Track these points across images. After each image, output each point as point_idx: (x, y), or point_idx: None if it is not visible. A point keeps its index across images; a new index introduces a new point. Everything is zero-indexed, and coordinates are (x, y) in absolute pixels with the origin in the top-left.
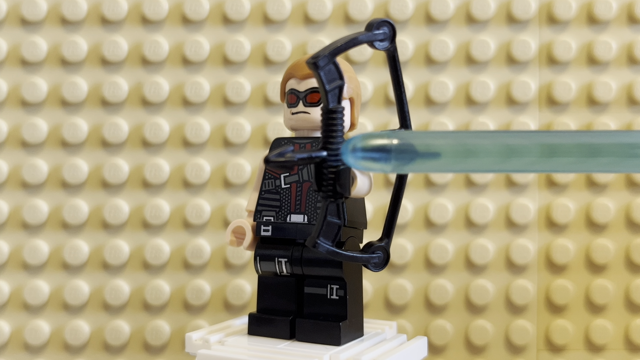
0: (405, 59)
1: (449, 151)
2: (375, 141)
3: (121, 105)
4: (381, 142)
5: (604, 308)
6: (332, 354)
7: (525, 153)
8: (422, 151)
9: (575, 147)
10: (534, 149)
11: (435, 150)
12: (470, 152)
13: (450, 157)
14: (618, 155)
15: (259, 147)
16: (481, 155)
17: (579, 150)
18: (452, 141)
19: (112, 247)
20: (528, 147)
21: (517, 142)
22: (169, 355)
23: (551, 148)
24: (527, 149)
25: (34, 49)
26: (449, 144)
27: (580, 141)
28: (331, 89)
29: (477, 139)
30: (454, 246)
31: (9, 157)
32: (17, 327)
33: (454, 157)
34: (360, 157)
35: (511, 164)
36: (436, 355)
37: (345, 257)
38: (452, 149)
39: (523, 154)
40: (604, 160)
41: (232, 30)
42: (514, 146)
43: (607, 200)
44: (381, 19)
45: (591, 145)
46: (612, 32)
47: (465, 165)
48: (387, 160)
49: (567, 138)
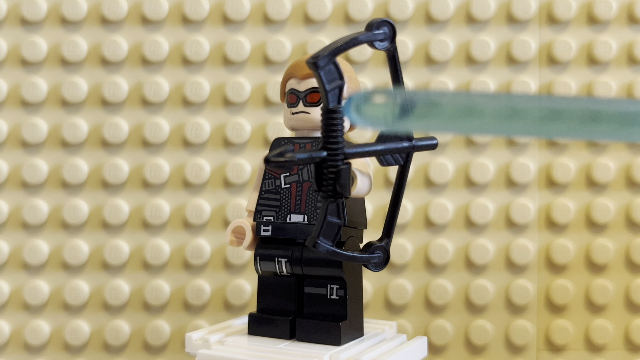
0: (405, 59)
1: (449, 108)
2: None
3: (121, 105)
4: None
5: (604, 308)
6: (332, 354)
7: (527, 115)
8: (422, 112)
9: (577, 112)
10: (535, 111)
11: (435, 109)
12: (471, 110)
13: (449, 113)
14: (619, 122)
15: (259, 147)
16: (480, 115)
17: (580, 115)
18: (452, 99)
19: (112, 247)
20: (529, 110)
21: (519, 104)
22: (169, 355)
23: (552, 111)
24: (529, 111)
25: (34, 49)
26: (449, 101)
27: (582, 106)
28: (331, 89)
29: (477, 99)
30: (454, 246)
31: (9, 157)
32: (17, 327)
33: (453, 114)
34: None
35: (512, 125)
36: (436, 355)
37: (345, 257)
38: (451, 106)
39: (523, 115)
40: (605, 126)
41: (232, 30)
42: (516, 108)
43: (607, 200)
44: (381, 19)
45: (592, 111)
46: (612, 32)
47: (465, 123)
48: (387, 119)
49: (569, 103)
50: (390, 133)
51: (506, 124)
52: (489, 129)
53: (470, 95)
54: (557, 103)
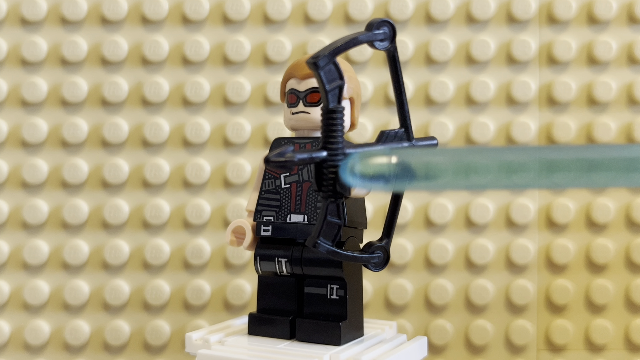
0: (405, 59)
1: (448, 170)
2: (374, 166)
3: (121, 105)
4: (380, 167)
5: (604, 308)
6: (332, 354)
7: (525, 169)
8: (421, 173)
9: (575, 162)
10: (533, 165)
11: (435, 170)
12: (470, 169)
13: (450, 176)
14: (618, 169)
15: (259, 147)
16: (481, 173)
17: (578, 165)
18: (450, 159)
19: (112, 247)
20: (527, 163)
21: (517, 159)
22: (169, 355)
23: (550, 163)
24: (527, 165)
25: (34, 49)
26: (447, 162)
27: (579, 156)
28: (331, 89)
29: (476, 156)
30: (454, 246)
31: (9, 157)
32: (17, 327)
33: (453, 175)
34: (359, 179)
35: (512, 179)
36: (436, 355)
37: (345, 257)
38: (451, 167)
39: (523, 170)
40: (604, 174)
41: (232, 30)
42: (514, 163)
43: (607, 200)
44: (381, 19)
45: (590, 160)
46: (612, 32)
47: (465, 182)
48: (386, 183)
49: (566, 153)
50: (388, 129)
51: (506, 178)
52: (489, 185)
53: (468, 152)
54: (555, 154)
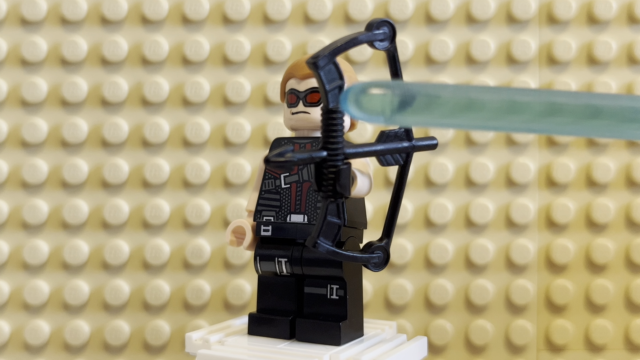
0: (405, 59)
1: (449, 101)
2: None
3: (121, 105)
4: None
5: (604, 308)
6: (332, 354)
7: (526, 109)
8: (422, 104)
9: (577, 107)
10: (534, 106)
11: (434, 103)
12: (470, 104)
13: (449, 107)
14: (618, 118)
15: (259, 147)
16: (481, 109)
17: (580, 110)
18: (452, 92)
19: (112, 247)
20: (529, 104)
21: (519, 98)
22: (169, 355)
23: (552, 106)
24: (528, 106)
25: (34, 49)
26: (449, 94)
27: (582, 101)
28: (331, 89)
29: (478, 93)
30: (454, 246)
31: (9, 157)
32: (17, 327)
33: (452, 108)
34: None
35: (511, 120)
36: (436, 355)
37: (345, 257)
38: (452, 99)
39: (523, 110)
40: (604, 122)
41: (232, 30)
42: (515, 102)
43: (607, 200)
44: (381, 19)
45: (592, 106)
46: (612, 32)
47: (465, 118)
48: (386, 112)
49: (569, 98)
50: (388, 129)
51: (506, 118)
52: (488, 124)
53: (470, 88)
54: (557, 97)
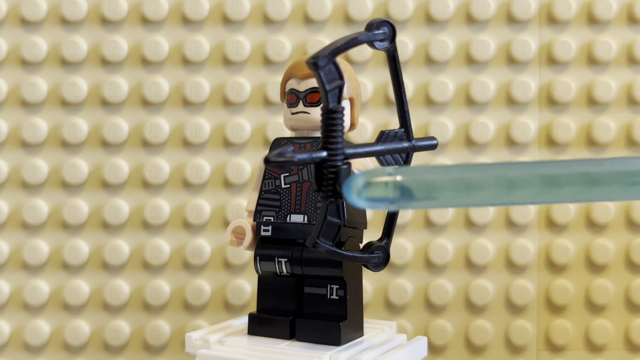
0: (405, 59)
1: (449, 188)
2: (377, 191)
3: (121, 105)
4: (382, 192)
5: (604, 308)
6: (332, 354)
7: (526, 185)
8: (422, 195)
9: (575, 177)
10: (534, 181)
11: (435, 189)
12: (471, 187)
13: (450, 193)
14: (620, 184)
15: (259, 147)
16: (482, 190)
17: (579, 180)
18: (451, 177)
19: (112, 247)
20: (528, 179)
21: (516, 175)
22: (169, 355)
23: (551, 179)
24: (527, 181)
25: (34, 49)
26: (448, 181)
27: (579, 171)
28: (331, 89)
29: (475, 173)
30: (454, 246)
31: (9, 157)
32: (17, 327)
33: (454, 193)
34: (363, 201)
35: (511, 197)
36: (436, 355)
37: (345, 257)
38: (451, 185)
39: (523, 186)
40: (606, 189)
41: (232, 30)
42: (513, 179)
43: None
44: (381, 19)
45: (591, 175)
46: (612, 32)
47: (466, 200)
48: (388, 204)
49: (566, 168)
50: (388, 129)
51: (507, 195)
52: (491, 202)
53: (467, 169)
54: (555, 169)
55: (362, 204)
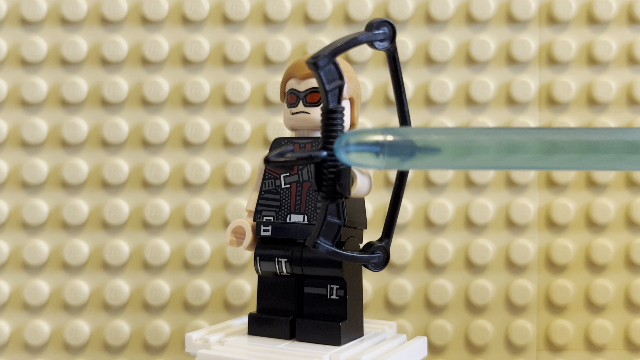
0: (405, 59)
1: (448, 147)
2: (368, 137)
3: (121, 105)
4: (374, 138)
5: (604, 308)
6: (332, 354)
7: (525, 149)
8: (420, 146)
9: (575, 143)
10: (534, 145)
11: (434, 146)
12: (469, 148)
13: (449, 153)
14: (618, 151)
15: (259, 147)
16: (480, 152)
17: (579, 146)
18: (450, 137)
19: (112, 247)
20: (528, 144)
21: (517, 139)
22: (169, 355)
23: (551, 144)
24: (527, 145)
25: (34, 49)
26: (447, 139)
27: (580, 138)
28: (331, 89)
29: (476, 135)
30: (454, 246)
31: (9, 157)
32: (17, 327)
33: (452, 153)
34: (353, 151)
35: (511, 161)
36: (436, 355)
37: (345, 257)
38: (450, 145)
39: (523, 150)
40: (604, 157)
41: (232, 30)
42: (514, 142)
43: (607, 200)
44: (381, 19)
45: (591, 142)
46: (612, 32)
47: (463, 162)
48: (380, 155)
49: (567, 135)
50: None
51: (505, 159)
52: (488, 165)
53: (468, 131)
54: (555, 135)
55: (352, 160)
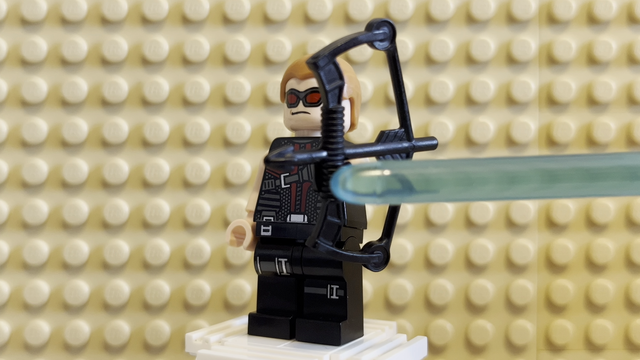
0: (405, 59)
1: (447, 183)
2: (364, 187)
3: (121, 105)
4: (371, 188)
5: (604, 308)
6: (332, 354)
7: (526, 180)
8: (419, 189)
9: (575, 172)
10: (534, 176)
11: (432, 188)
12: (469, 180)
13: (448, 189)
14: (619, 178)
15: (259, 147)
16: (480, 184)
17: (578, 175)
18: (449, 171)
19: (112, 247)
20: (528, 174)
21: (516, 169)
22: (169, 355)
23: (551, 174)
24: (527, 176)
25: (34, 49)
26: (446, 175)
27: (579, 165)
28: (331, 89)
29: (475, 167)
30: (454, 246)
31: (9, 157)
32: (17, 327)
33: (451, 189)
34: (350, 195)
35: (513, 192)
36: (436, 355)
37: (345, 257)
38: (450, 180)
39: (524, 181)
40: (606, 184)
41: (232, 30)
42: (514, 173)
43: (607, 200)
44: (381, 19)
45: (591, 170)
46: (612, 32)
47: (464, 195)
48: (378, 199)
49: (565, 163)
50: (388, 129)
51: (507, 190)
52: (490, 197)
53: (467, 163)
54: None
55: (349, 198)
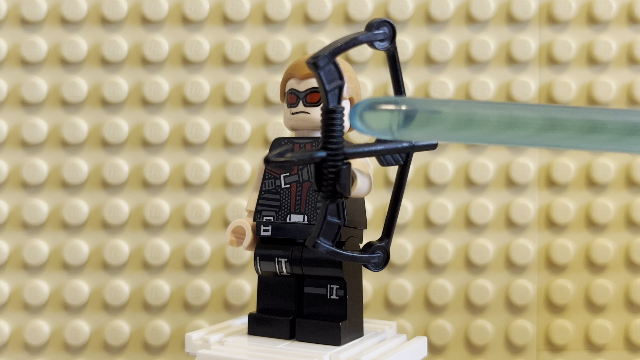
0: (405, 59)
1: (449, 114)
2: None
3: (121, 105)
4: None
5: (604, 308)
6: (332, 354)
7: (525, 125)
8: (425, 115)
9: (576, 122)
10: (534, 121)
11: (438, 114)
12: (470, 119)
13: (449, 121)
14: (618, 132)
15: (259, 147)
16: (480, 124)
17: (578, 125)
18: (452, 106)
19: (112, 247)
20: (529, 119)
21: (519, 114)
22: (169, 355)
23: (551, 121)
24: (528, 121)
25: (34, 49)
26: (451, 110)
27: (581, 116)
28: (331, 89)
29: (479, 108)
30: (454, 246)
31: (9, 157)
32: (17, 327)
33: (453, 122)
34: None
35: (508, 135)
36: (436, 355)
37: (345, 257)
38: (452, 112)
39: (522, 125)
40: (602, 137)
41: (232, 30)
42: (515, 117)
43: (607, 200)
44: (381, 19)
45: (592, 121)
46: (612, 32)
47: (462, 132)
48: (393, 127)
49: (568, 113)
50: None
51: (506, 133)
52: (489, 138)
53: (471, 104)
54: (556, 112)
55: (366, 130)
